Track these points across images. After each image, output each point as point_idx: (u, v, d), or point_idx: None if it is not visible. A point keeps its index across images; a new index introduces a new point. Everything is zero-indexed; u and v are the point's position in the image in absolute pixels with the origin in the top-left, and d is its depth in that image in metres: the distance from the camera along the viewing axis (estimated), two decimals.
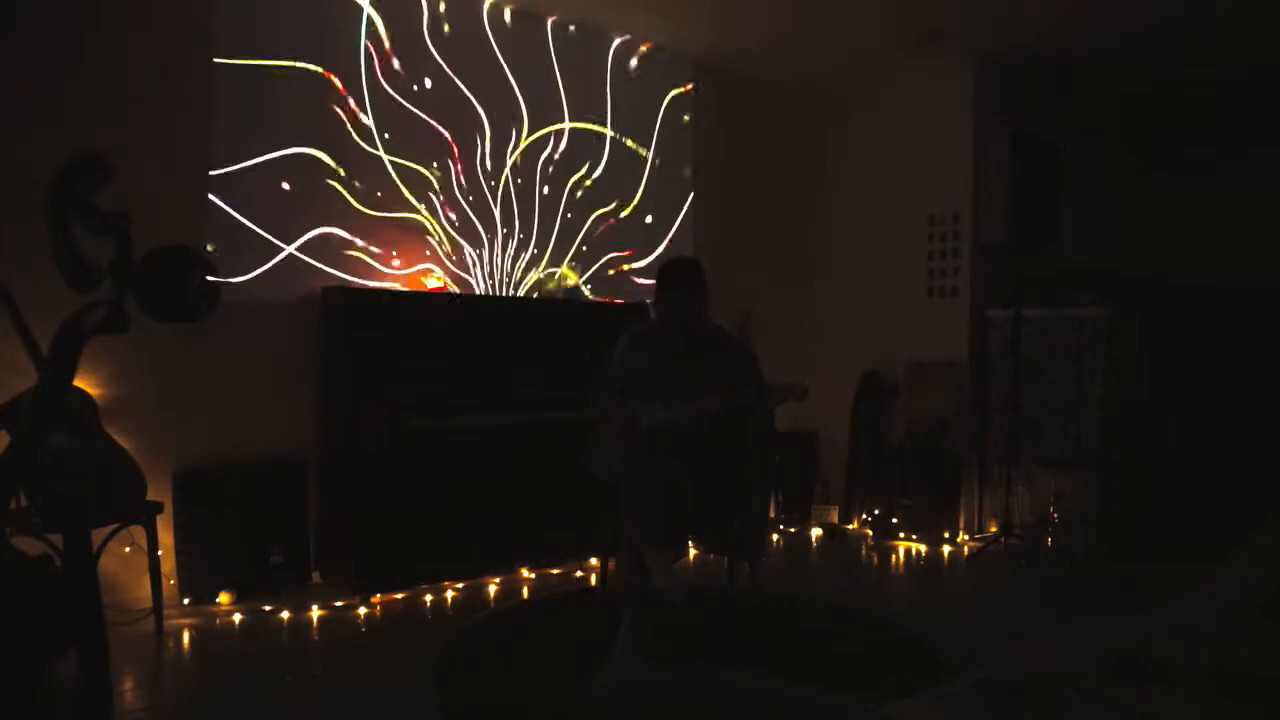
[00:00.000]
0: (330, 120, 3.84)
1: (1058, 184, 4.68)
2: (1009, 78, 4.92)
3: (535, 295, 4.48)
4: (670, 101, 5.02)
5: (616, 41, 4.74)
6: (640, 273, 4.90)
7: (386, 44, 3.98)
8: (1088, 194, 5.09)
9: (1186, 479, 4.64)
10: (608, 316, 4.32)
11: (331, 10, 3.84)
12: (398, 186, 4.03)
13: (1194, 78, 5.16)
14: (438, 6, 4.14)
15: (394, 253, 4.02)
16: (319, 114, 3.81)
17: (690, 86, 5.10)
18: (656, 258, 4.88)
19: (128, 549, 3.24)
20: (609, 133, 4.76)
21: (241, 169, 3.62)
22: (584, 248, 4.70)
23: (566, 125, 4.59)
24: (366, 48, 3.92)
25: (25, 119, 3.14)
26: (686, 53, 4.98)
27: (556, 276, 4.56)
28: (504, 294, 4.38)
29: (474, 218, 4.28)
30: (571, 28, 4.56)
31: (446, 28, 4.17)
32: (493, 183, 4.35)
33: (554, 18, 4.47)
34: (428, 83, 4.12)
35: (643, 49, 4.82)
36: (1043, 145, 4.67)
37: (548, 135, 4.53)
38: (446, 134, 4.18)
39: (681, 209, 5.12)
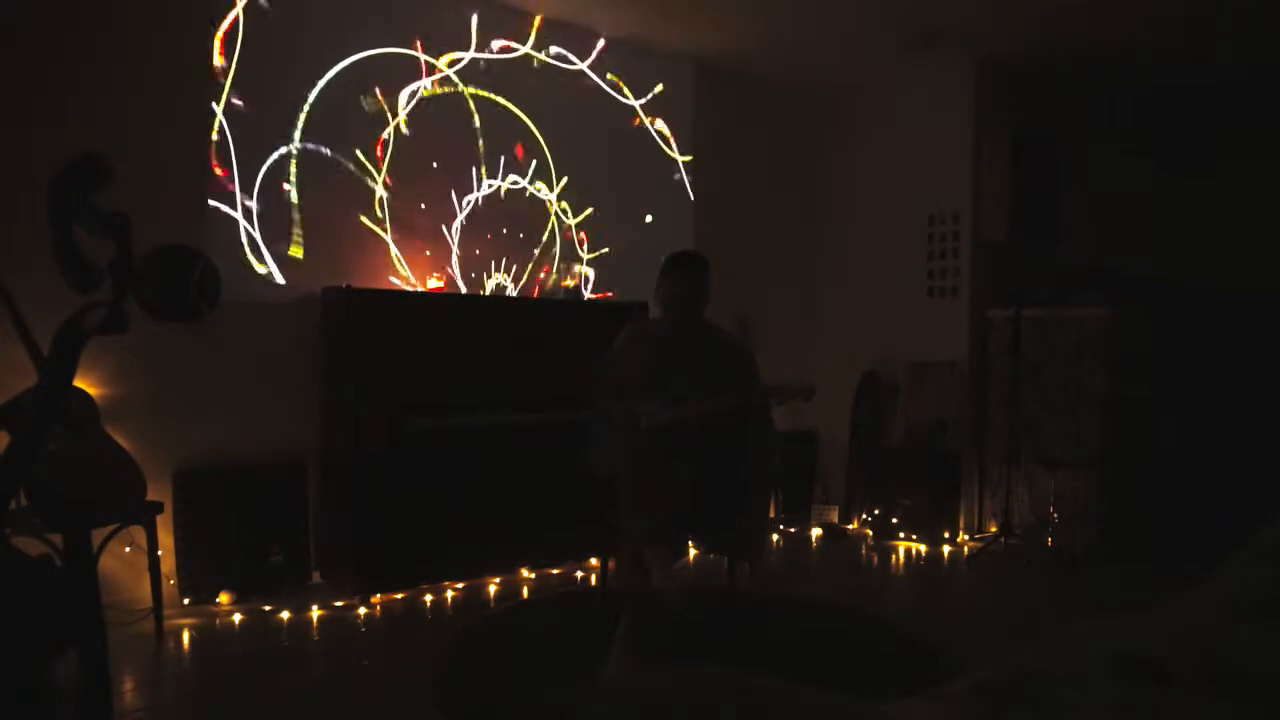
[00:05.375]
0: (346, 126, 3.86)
1: (1058, 184, 4.67)
2: (1009, 78, 4.92)
3: (535, 295, 4.49)
4: (671, 102, 5.03)
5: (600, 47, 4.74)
6: (640, 272, 4.89)
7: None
8: (1088, 194, 5.09)
9: (1186, 479, 4.64)
10: (608, 316, 4.31)
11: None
12: (403, 185, 4.05)
13: (1194, 78, 5.16)
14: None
15: (399, 257, 4.03)
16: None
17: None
18: (656, 257, 4.88)
19: (128, 549, 3.24)
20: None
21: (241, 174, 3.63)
22: (583, 247, 4.70)
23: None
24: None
25: (26, 119, 3.13)
26: (687, 53, 4.98)
27: (556, 276, 4.56)
28: (504, 294, 4.39)
29: (475, 221, 4.30)
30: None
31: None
32: (491, 182, 4.36)
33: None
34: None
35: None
36: (1043, 145, 4.66)
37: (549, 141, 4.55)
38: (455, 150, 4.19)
39: (681, 209, 5.12)
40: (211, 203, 3.56)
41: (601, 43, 4.68)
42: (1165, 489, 4.58)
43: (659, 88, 4.96)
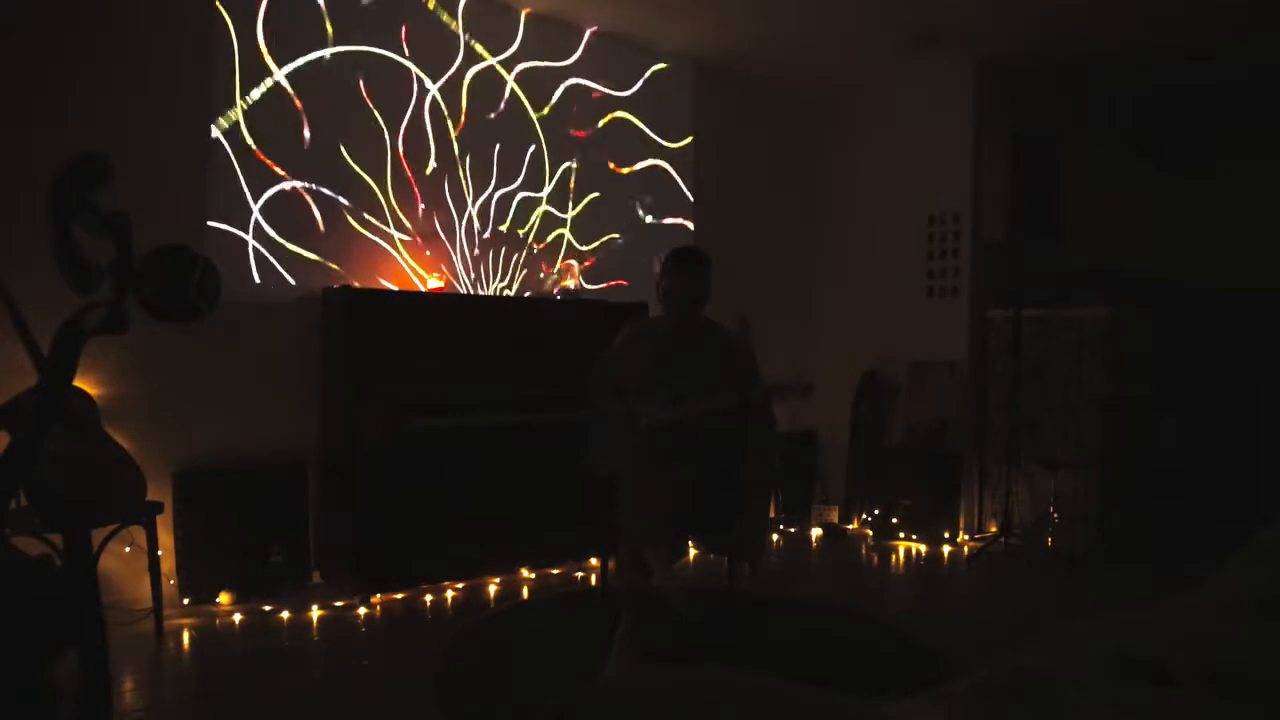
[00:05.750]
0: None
1: (1058, 184, 4.68)
2: (1009, 78, 4.92)
3: (533, 295, 4.49)
4: (672, 96, 5.03)
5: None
6: (640, 271, 4.90)
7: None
8: (1088, 194, 5.09)
9: (1186, 479, 4.64)
10: (607, 316, 4.32)
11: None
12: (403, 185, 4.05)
13: (1195, 78, 5.16)
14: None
15: (399, 257, 4.03)
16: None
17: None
18: (656, 256, 4.88)
19: (128, 549, 3.24)
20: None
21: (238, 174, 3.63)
22: (582, 247, 4.70)
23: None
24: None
25: (26, 119, 3.13)
26: (687, 53, 4.98)
27: (555, 276, 4.56)
28: (503, 294, 4.39)
29: (475, 221, 4.30)
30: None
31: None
32: (491, 182, 4.36)
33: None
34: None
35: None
36: (1043, 145, 4.66)
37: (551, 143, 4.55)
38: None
39: (681, 208, 5.12)
40: (210, 210, 3.56)
41: (587, 35, 4.65)
42: (1165, 489, 4.58)
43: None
